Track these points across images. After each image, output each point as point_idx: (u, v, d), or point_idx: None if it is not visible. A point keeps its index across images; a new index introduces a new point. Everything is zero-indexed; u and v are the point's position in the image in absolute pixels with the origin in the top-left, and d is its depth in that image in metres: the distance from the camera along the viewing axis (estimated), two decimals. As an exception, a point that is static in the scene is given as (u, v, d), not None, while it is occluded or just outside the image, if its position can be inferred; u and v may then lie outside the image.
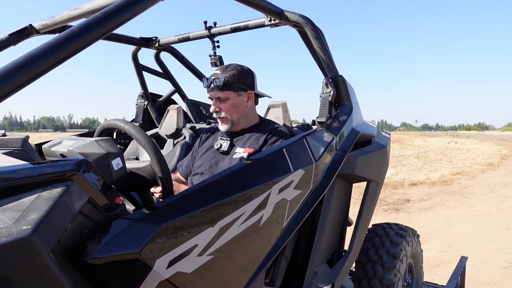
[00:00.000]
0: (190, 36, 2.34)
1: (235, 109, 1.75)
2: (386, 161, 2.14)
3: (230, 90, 1.73)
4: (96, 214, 0.87)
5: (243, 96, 1.77)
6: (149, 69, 2.88)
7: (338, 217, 1.85)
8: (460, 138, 44.84)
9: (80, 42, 0.89)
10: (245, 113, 1.79)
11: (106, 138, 1.11)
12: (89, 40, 0.91)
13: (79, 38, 0.89)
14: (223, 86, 1.70)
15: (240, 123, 1.80)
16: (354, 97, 2.02)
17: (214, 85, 1.71)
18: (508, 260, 4.59)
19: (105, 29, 0.94)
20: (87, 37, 0.90)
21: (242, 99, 1.76)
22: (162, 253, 0.93)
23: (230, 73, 1.74)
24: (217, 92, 1.73)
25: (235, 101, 1.75)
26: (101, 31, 0.93)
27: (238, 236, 1.13)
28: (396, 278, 2.06)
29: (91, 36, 0.91)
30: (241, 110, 1.77)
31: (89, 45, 0.92)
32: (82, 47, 0.90)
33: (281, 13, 1.76)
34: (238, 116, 1.77)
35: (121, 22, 0.98)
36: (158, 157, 1.15)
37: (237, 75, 1.74)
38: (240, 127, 1.81)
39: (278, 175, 1.30)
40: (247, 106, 1.78)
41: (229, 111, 1.75)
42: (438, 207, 7.42)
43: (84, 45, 0.91)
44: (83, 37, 0.89)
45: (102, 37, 0.95)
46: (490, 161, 16.26)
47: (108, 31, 0.95)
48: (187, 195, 1.05)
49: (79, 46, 0.89)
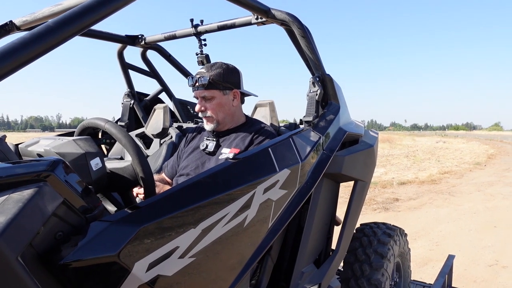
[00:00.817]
0: (176, 34, 2.30)
1: (221, 108, 1.72)
2: (373, 161, 2.13)
3: (215, 89, 1.70)
4: (71, 216, 0.84)
5: (228, 95, 1.74)
6: (135, 68, 2.84)
7: (325, 217, 1.83)
8: (448, 138, 45.51)
9: (55, 38, 0.85)
10: (231, 112, 1.76)
11: (84, 138, 1.08)
12: (66, 36, 0.87)
13: (55, 33, 0.85)
14: (208, 84, 1.67)
15: (226, 123, 1.77)
16: (341, 96, 2.01)
17: (199, 83, 1.67)
18: (495, 258, 4.65)
19: (82, 25, 0.90)
20: (63, 33, 0.87)
21: (227, 98, 1.73)
22: (142, 256, 0.90)
23: (215, 71, 1.70)
24: (202, 91, 1.70)
25: (221, 100, 1.71)
26: (78, 27, 0.89)
27: (221, 238, 1.11)
28: (384, 278, 2.06)
29: (67, 31, 0.87)
30: (227, 109, 1.74)
31: (65, 41, 0.89)
32: (58, 43, 0.86)
33: (267, 11, 1.74)
34: (224, 115, 1.74)
35: (100, 18, 0.94)
36: (139, 156, 1.12)
37: (222, 74, 1.71)
38: (226, 127, 1.78)
39: (263, 175, 1.28)
40: (233, 105, 1.75)
41: (215, 110, 1.71)
42: (426, 206, 7.49)
43: (60, 41, 0.87)
44: (59, 32, 0.86)
45: (79, 33, 0.91)
46: (478, 160, 16.51)
47: (86, 26, 0.91)
48: (169, 196, 1.02)
49: (55, 42, 0.85)
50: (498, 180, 10.74)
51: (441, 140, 37.09)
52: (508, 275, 4.11)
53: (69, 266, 0.81)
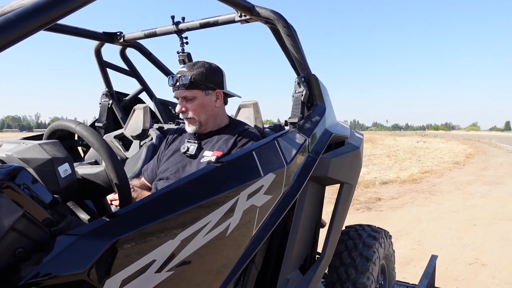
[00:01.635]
0: (157, 32, 2.22)
1: (203, 109, 1.64)
2: (359, 163, 2.10)
3: (197, 89, 1.61)
4: (33, 230, 0.76)
5: (211, 96, 1.66)
6: (114, 66, 2.73)
7: (311, 221, 1.78)
8: (428, 138, 46.59)
9: (16, 32, 0.76)
10: (214, 114, 1.69)
11: (52, 142, 0.99)
12: (28, 30, 0.78)
13: (15, 27, 0.76)
14: (189, 84, 1.59)
15: (209, 124, 1.69)
16: (327, 97, 1.97)
17: (180, 83, 1.59)
18: (475, 256, 4.72)
19: (47, 18, 0.81)
20: (26, 27, 0.78)
21: (210, 98, 1.65)
22: (113, 272, 0.82)
23: (197, 70, 1.62)
24: (183, 91, 1.61)
25: (203, 100, 1.63)
26: (43, 20, 0.80)
27: (202, 248, 1.04)
28: (369, 281, 2.03)
29: (30, 25, 0.78)
30: (209, 110, 1.66)
31: (28, 36, 0.80)
32: (19, 38, 0.78)
33: (252, 9, 1.68)
34: (206, 116, 1.66)
35: (68, 11, 0.85)
36: (113, 162, 1.04)
37: (205, 73, 1.63)
38: (208, 129, 1.70)
39: (246, 180, 1.21)
40: (215, 106, 1.68)
41: (197, 111, 1.63)
42: (408, 205, 7.59)
43: (22, 36, 0.78)
44: (20, 26, 0.77)
45: (44, 27, 0.82)
46: (457, 159, 16.91)
47: (52, 20, 0.82)
48: (145, 204, 0.94)
49: (15, 36, 0.77)
50: (476, 179, 11.01)
51: (421, 140, 37.91)
52: (487, 273, 4.18)
53: (30, 287, 0.72)
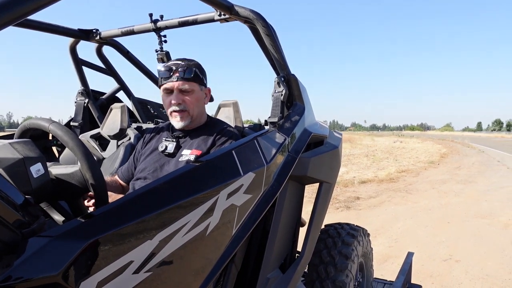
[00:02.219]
0: (134, 30, 2.17)
1: (197, 104, 1.61)
2: (338, 162, 2.13)
3: (196, 82, 1.59)
4: (3, 232, 0.73)
5: (203, 92, 1.65)
6: (90, 64, 2.66)
7: (290, 220, 1.79)
8: (405, 138, 47.80)
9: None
10: (203, 111, 1.67)
11: (23, 141, 0.95)
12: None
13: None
14: (192, 77, 1.56)
15: (197, 120, 1.67)
16: (306, 97, 1.98)
17: (181, 75, 1.55)
18: (449, 252, 4.87)
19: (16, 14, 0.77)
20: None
21: (203, 94, 1.64)
22: (89, 274, 0.80)
23: (195, 64, 1.60)
24: (183, 83, 1.56)
25: (199, 95, 1.61)
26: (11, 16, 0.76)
27: (181, 248, 1.02)
28: (348, 279, 2.05)
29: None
30: (201, 106, 1.64)
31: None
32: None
33: (231, 8, 1.67)
34: (198, 111, 1.63)
35: (40, 6, 0.82)
36: (88, 161, 1.01)
37: (200, 69, 1.62)
38: (191, 126, 1.68)
39: (226, 179, 1.21)
40: (204, 102, 1.67)
41: (193, 105, 1.59)
42: (385, 204, 7.76)
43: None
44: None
45: (13, 23, 0.78)
46: (432, 159, 17.42)
47: (21, 16, 0.78)
48: (122, 204, 0.92)
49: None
50: (450, 178, 11.36)
51: (398, 140, 38.84)
52: (461, 269, 4.32)
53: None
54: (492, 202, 7.73)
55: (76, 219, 0.83)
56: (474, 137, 55.66)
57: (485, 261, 4.54)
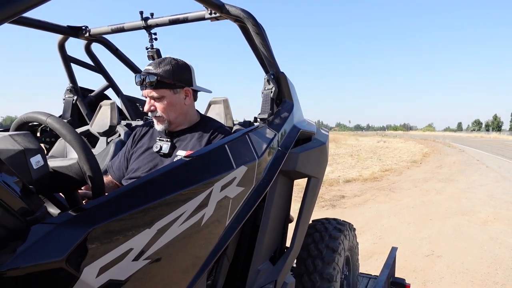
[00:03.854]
0: (124, 27, 2.18)
1: (172, 108, 1.60)
2: (325, 158, 2.19)
3: (165, 88, 1.57)
4: (8, 219, 0.75)
5: (180, 94, 1.62)
6: (78, 61, 2.65)
7: (280, 214, 1.84)
8: (388, 138, 48.63)
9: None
10: (183, 112, 1.65)
11: (23, 133, 0.97)
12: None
13: None
14: (157, 84, 1.54)
15: (179, 122, 1.66)
16: (294, 94, 2.04)
17: (147, 82, 1.54)
18: (431, 248, 5.02)
19: (12, 11, 0.77)
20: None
21: (179, 97, 1.62)
22: (91, 260, 0.82)
23: (163, 68, 1.57)
24: (150, 91, 1.56)
25: (171, 99, 1.60)
26: (6, 13, 0.76)
27: (178, 238, 1.06)
28: (335, 271, 2.11)
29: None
30: (178, 109, 1.63)
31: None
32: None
33: (222, 6, 1.71)
34: (175, 115, 1.62)
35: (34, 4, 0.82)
36: (86, 153, 1.03)
37: (171, 71, 1.58)
38: (179, 127, 1.68)
39: (220, 172, 1.25)
40: (185, 104, 1.64)
41: (165, 110, 1.59)
42: (370, 202, 7.91)
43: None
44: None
45: (7, 21, 0.78)
46: (414, 158, 17.79)
47: (16, 13, 0.78)
48: (121, 195, 0.95)
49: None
50: (432, 177, 11.65)
51: (381, 140, 39.49)
52: (443, 264, 4.47)
53: (5, 275, 0.72)
54: (472, 200, 7.98)
55: (78, 207, 0.86)
56: (455, 137, 57.11)
57: (466, 256, 4.70)
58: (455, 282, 3.98)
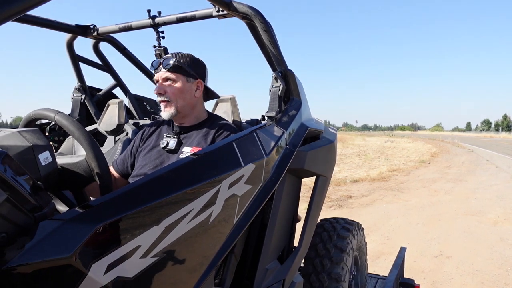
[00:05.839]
0: (132, 26, 2.18)
1: (181, 95, 1.62)
2: (334, 156, 2.17)
3: (179, 73, 1.60)
4: (17, 215, 0.75)
5: (192, 84, 1.65)
6: (86, 60, 2.66)
7: (288, 213, 1.83)
8: (395, 138, 48.30)
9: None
10: (192, 103, 1.66)
11: (31, 129, 0.97)
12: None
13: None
14: (173, 67, 1.58)
15: (185, 113, 1.66)
16: (302, 92, 2.02)
17: (164, 65, 1.59)
18: (440, 249, 4.96)
19: (17, 8, 0.76)
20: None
21: (190, 86, 1.64)
22: (99, 257, 0.82)
23: (182, 56, 1.63)
24: (165, 72, 1.60)
25: (183, 86, 1.62)
26: (12, 10, 0.75)
27: (185, 235, 1.05)
28: (344, 271, 2.09)
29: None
30: (187, 98, 1.64)
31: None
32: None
33: (229, 4, 1.70)
34: (183, 103, 1.63)
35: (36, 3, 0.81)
36: (94, 150, 1.03)
37: (189, 61, 1.64)
38: (186, 121, 1.68)
39: (228, 170, 1.23)
40: (195, 95, 1.66)
41: (175, 95, 1.61)
42: (377, 202, 7.85)
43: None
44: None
45: (13, 18, 0.77)
46: (422, 158, 17.63)
47: (22, 10, 0.77)
48: (129, 192, 0.94)
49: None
50: (441, 177, 11.53)
51: (389, 140, 39.24)
52: (452, 265, 4.41)
53: (14, 271, 0.71)
54: (481, 200, 7.87)
55: (86, 204, 0.85)
56: (464, 137, 56.50)
57: (475, 257, 4.63)
58: (464, 283, 3.93)
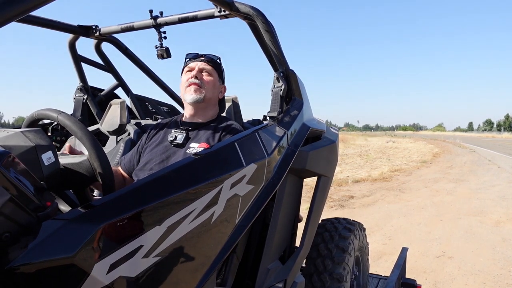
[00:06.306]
0: (134, 26, 2.19)
1: (213, 88, 1.73)
2: (335, 156, 2.17)
3: (216, 71, 1.76)
4: (20, 215, 0.75)
5: (220, 85, 1.80)
6: (88, 61, 2.67)
7: (289, 213, 1.83)
8: (397, 138, 48.25)
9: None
10: (214, 101, 1.77)
11: (34, 129, 0.97)
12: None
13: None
14: (214, 63, 1.74)
15: (207, 105, 1.73)
16: (304, 92, 2.02)
17: (206, 58, 1.73)
18: (442, 249, 4.95)
19: (20, 9, 0.76)
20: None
21: (219, 86, 1.79)
22: (102, 256, 0.82)
23: (219, 58, 1.80)
24: (206, 64, 1.73)
25: (215, 82, 1.75)
26: (15, 11, 0.75)
27: (187, 235, 1.05)
28: (345, 271, 2.09)
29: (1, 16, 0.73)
30: (215, 94, 1.76)
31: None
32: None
33: (231, 4, 1.70)
34: (210, 95, 1.73)
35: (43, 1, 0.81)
36: (97, 150, 1.03)
37: (222, 68, 1.81)
38: (200, 117, 1.73)
39: (230, 170, 1.24)
40: (218, 96, 1.80)
41: (209, 84, 1.71)
42: (379, 202, 7.84)
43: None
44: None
45: (16, 18, 0.77)
46: (424, 158, 17.60)
47: (25, 11, 0.77)
48: (131, 191, 0.95)
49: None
50: (443, 177, 11.50)
51: (391, 140, 39.20)
52: (454, 265, 4.40)
53: (17, 271, 0.72)
54: (483, 200, 7.85)
55: (89, 204, 0.86)
56: (466, 137, 56.37)
57: (477, 257, 4.62)
58: (466, 284, 3.92)
